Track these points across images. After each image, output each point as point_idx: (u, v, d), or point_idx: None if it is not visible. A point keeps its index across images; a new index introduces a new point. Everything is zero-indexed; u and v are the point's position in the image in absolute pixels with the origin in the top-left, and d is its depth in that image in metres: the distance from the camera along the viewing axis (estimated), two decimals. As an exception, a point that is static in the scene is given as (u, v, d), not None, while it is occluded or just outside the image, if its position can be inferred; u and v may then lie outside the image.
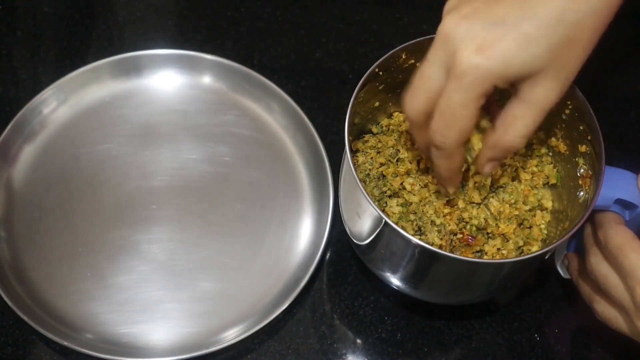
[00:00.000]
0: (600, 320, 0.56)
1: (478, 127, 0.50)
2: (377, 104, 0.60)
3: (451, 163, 0.49)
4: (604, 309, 0.55)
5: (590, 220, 0.56)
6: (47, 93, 0.70)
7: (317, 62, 0.76)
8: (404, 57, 0.56)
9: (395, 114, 0.62)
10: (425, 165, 0.59)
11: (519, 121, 0.46)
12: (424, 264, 0.53)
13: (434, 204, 0.58)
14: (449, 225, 0.57)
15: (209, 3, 0.79)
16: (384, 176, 0.60)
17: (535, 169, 0.60)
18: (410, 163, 0.59)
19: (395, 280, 0.58)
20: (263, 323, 0.60)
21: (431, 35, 0.53)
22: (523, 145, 0.48)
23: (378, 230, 0.53)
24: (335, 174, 0.65)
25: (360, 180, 0.51)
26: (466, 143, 0.50)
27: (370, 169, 0.60)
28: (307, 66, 0.76)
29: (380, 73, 0.56)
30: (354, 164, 0.55)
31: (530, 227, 0.59)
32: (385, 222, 0.50)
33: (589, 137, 0.55)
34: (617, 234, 0.52)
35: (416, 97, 0.47)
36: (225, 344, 0.60)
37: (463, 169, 0.58)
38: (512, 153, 0.55)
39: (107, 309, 0.62)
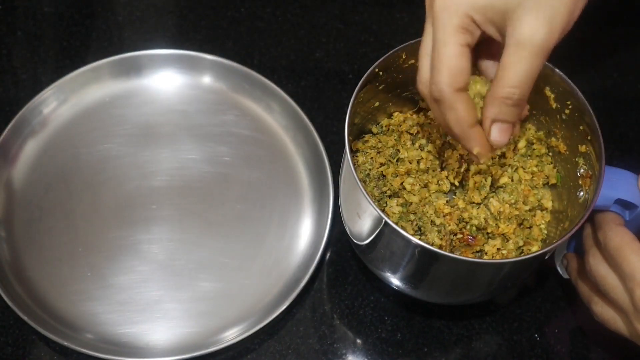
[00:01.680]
0: (598, 322, 0.56)
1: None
2: (377, 104, 0.60)
3: (457, 114, 0.46)
4: (603, 310, 0.55)
5: (590, 221, 0.56)
6: (47, 93, 0.70)
7: (317, 62, 0.76)
8: (404, 57, 0.56)
9: (395, 114, 0.62)
10: (425, 165, 0.59)
11: (509, 68, 0.44)
12: (424, 264, 0.53)
13: (434, 204, 0.58)
14: (449, 225, 0.57)
15: (209, 3, 0.79)
16: (384, 176, 0.60)
17: (535, 169, 0.60)
18: (410, 163, 0.59)
19: (395, 280, 0.58)
20: (263, 323, 0.60)
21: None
22: (520, 96, 0.45)
23: (378, 230, 0.53)
24: (335, 174, 0.65)
25: (360, 180, 0.51)
26: (469, 95, 0.47)
27: (370, 169, 0.60)
28: (307, 66, 0.76)
29: (380, 73, 0.56)
30: (354, 164, 0.55)
31: (530, 227, 0.59)
32: (385, 222, 0.50)
33: (589, 137, 0.55)
34: (617, 235, 0.52)
35: (420, 67, 0.48)
36: (225, 344, 0.60)
37: (462, 169, 0.59)
38: (513, 110, 0.46)
39: (107, 309, 0.62)
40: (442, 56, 0.45)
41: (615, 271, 0.52)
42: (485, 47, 0.49)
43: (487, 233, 0.58)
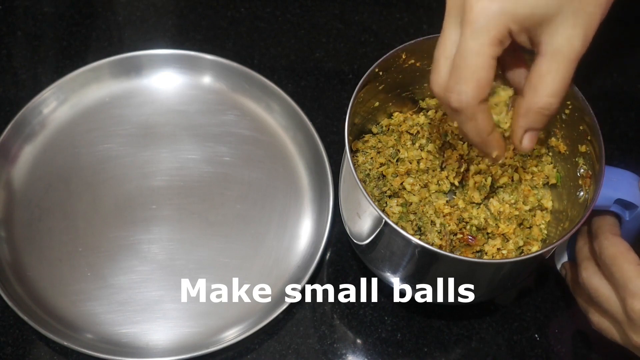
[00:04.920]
0: (596, 330, 0.56)
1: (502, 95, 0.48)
2: (377, 104, 0.60)
3: (478, 125, 0.45)
4: (599, 320, 0.55)
5: (587, 226, 0.57)
6: (47, 93, 0.70)
7: (317, 62, 0.76)
8: (404, 57, 0.56)
9: (395, 114, 0.62)
10: (425, 165, 0.59)
11: (546, 78, 0.43)
12: (424, 264, 0.53)
13: (434, 204, 0.58)
14: (449, 225, 0.57)
15: (209, 3, 0.79)
16: (384, 176, 0.60)
17: (535, 169, 0.60)
18: (410, 163, 0.59)
19: (395, 280, 0.58)
20: (263, 323, 0.60)
21: (431, 35, 0.54)
22: (557, 105, 0.44)
23: (378, 230, 0.53)
24: (335, 174, 0.65)
25: (360, 180, 0.51)
26: (489, 103, 0.46)
27: (370, 169, 0.60)
28: (307, 66, 0.76)
29: (380, 73, 0.56)
30: (354, 164, 0.55)
31: (530, 227, 0.59)
32: (385, 222, 0.50)
33: (589, 137, 0.55)
34: (612, 245, 0.52)
35: (437, 69, 0.45)
36: (225, 344, 0.60)
37: (462, 169, 0.58)
38: (548, 119, 0.45)
39: (107, 309, 0.62)
40: (471, 67, 0.42)
41: (609, 281, 0.52)
42: (509, 57, 0.48)
43: (487, 233, 0.58)
